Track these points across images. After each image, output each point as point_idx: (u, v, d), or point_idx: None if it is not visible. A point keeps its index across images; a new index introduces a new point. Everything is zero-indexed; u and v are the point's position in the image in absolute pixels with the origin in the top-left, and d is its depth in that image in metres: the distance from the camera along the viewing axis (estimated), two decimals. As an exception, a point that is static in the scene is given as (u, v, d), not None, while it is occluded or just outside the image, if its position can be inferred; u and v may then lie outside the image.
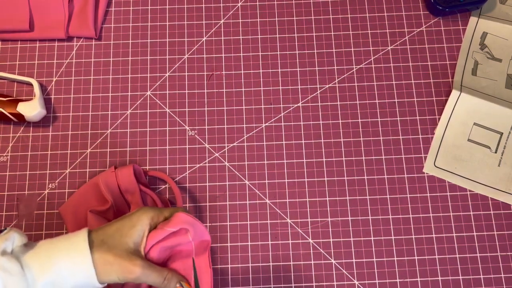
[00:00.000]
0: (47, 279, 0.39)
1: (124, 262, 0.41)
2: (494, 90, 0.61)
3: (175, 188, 0.55)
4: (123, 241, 0.42)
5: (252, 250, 0.56)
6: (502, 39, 0.63)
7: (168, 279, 0.43)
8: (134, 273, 0.41)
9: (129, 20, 0.64)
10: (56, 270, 0.39)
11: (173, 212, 0.46)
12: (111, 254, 0.41)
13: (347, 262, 0.56)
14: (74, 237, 0.41)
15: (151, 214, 0.44)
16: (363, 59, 0.63)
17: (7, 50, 0.63)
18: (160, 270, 0.43)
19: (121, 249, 0.41)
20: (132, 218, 0.44)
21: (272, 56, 0.63)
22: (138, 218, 0.43)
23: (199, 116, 0.61)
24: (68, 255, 0.40)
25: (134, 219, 0.43)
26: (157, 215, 0.45)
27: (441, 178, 0.58)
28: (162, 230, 0.44)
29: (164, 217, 0.45)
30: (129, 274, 0.41)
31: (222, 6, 0.65)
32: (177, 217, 0.45)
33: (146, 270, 0.41)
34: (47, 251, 0.40)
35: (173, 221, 0.44)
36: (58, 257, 0.40)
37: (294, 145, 0.60)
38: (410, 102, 0.61)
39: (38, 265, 0.39)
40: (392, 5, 0.65)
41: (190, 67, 0.63)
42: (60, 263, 0.39)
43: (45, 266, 0.39)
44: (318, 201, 0.58)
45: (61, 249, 0.40)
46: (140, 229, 0.43)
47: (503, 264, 0.55)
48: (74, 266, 0.40)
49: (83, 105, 0.61)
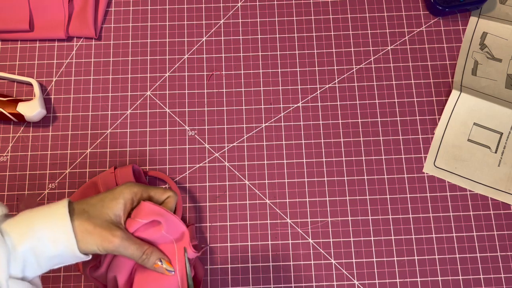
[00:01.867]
0: (27, 245, 0.38)
1: (104, 231, 0.40)
2: (494, 90, 0.61)
3: (175, 189, 0.55)
4: (104, 211, 0.41)
5: (252, 250, 0.56)
6: (502, 39, 0.63)
7: (148, 254, 0.43)
8: (112, 242, 0.40)
9: (129, 20, 0.64)
10: (36, 236, 0.38)
11: (162, 192, 0.45)
12: (91, 223, 0.40)
13: (347, 262, 0.56)
14: (54, 205, 0.41)
15: (134, 190, 0.44)
16: (363, 59, 0.63)
17: (7, 50, 0.63)
18: (140, 244, 0.42)
19: (101, 219, 0.41)
20: (114, 191, 0.43)
21: (272, 56, 0.63)
22: (120, 191, 0.43)
23: (199, 116, 0.61)
24: (48, 222, 0.39)
25: (117, 192, 0.43)
26: (140, 191, 0.44)
27: (441, 178, 0.58)
28: (134, 221, 0.43)
29: (148, 195, 0.45)
30: (108, 244, 0.40)
31: (222, 6, 0.65)
32: (145, 206, 0.44)
33: (125, 242, 0.41)
34: (27, 218, 0.39)
35: (143, 212, 0.44)
36: (38, 224, 0.39)
37: (294, 145, 0.60)
38: (410, 102, 0.61)
39: (18, 232, 0.38)
40: (392, 5, 0.65)
41: (190, 67, 0.63)
42: (40, 229, 0.39)
43: (25, 232, 0.38)
44: (318, 201, 0.58)
45: (41, 216, 0.40)
46: (121, 202, 0.42)
47: (503, 264, 0.55)
48: (54, 233, 0.39)
49: (83, 105, 0.61)
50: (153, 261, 0.43)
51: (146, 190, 0.45)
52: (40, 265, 0.39)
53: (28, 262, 0.39)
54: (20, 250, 0.38)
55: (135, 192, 0.44)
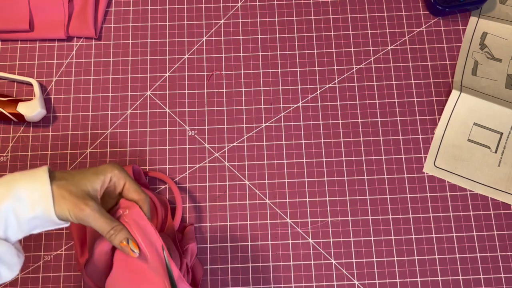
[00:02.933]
0: (8, 204, 0.39)
1: (78, 199, 0.41)
2: (494, 90, 0.61)
3: (175, 189, 0.55)
4: (83, 182, 0.42)
5: (252, 250, 0.56)
6: (502, 39, 0.63)
7: (116, 230, 0.42)
8: (83, 210, 0.40)
9: (129, 20, 0.64)
10: (16, 195, 0.39)
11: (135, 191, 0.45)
12: (67, 190, 0.41)
13: (347, 262, 0.56)
14: (35, 170, 0.42)
15: (116, 171, 0.44)
16: (363, 59, 0.63)
17: (7, 50, 0.63)
18: (111, 219, 0.42)
19: (77, 188, 0.42)
20: (98, 168, 0.44)
21: (272, 56, 0.63)
22: (103, 169, 0.44)
23: (199, 116, 0.61)
24: (28, 184, 0.40)
25: (100, 169, 0.44)
26: (122, 176, 0.45)
27: (441, 178, 0.58)
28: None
29: (124, 184, 0.45)
30: (79, 211, 0.40)
31: (222, 6, 0.65)
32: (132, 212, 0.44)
33: (96, 213, 0.41)
34: (9, 180, 0.40)
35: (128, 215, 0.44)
36: (19, 185, 0.40)
37: (294, 145, 0.60)
38: (410, 102, 0.61)
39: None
40: (392, 5, 0.65)
41: (190, 67, 0.63)
42: (20, 189, 0.40)
43: (6, 192, 0.39)
44: (318, 201, 0.58)
45: (22, 178, 0.41)
46: (101, 179, 0.43)
47: (503, 264, 0.55)
48: (33, 194, 0.40)
49: (83, 105, 0.61)
50: (120, 238, 0.43)
51: (125, 179, 0.45)
52: (20, 226, 0.40)
53: (10, 222, 0.39)
54: (2, 209, 0.39)
55: (116, 174, 0.44)
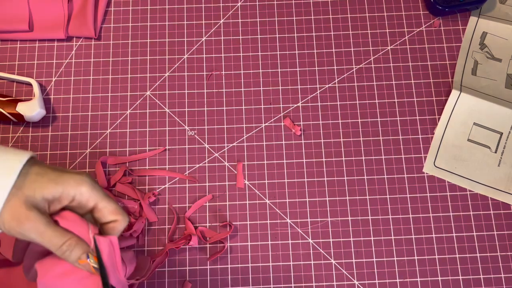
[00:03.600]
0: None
1: (20, 209, 0.33)
2: (494, 90, 0.61)
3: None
4: (32, 186, 0.34)
5: (252, 250, 0.56)
6: (502, 39, 0.63)
7: (70, 245, 0.34)
8: (22, 224, 0.32)
9: (128, 20, 0.64)
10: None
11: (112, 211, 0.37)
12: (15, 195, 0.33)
13: (347, 262, 0.56)
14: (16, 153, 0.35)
15: (84, 188, 0.35)
16: (363, 59, 0.63)
17: (7, 50, 0.63)
18: (61, 232, 0.34)
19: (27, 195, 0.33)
20: (63, 174, 0.35)
21: (272, 56, 0.63)
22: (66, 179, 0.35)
23: (198, 116, 0.61)
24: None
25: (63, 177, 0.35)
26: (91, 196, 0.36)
27: (441, 178, 0.58)
28: None
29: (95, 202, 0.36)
30: (17, 225, 0.32)
31: (222, 6, 0.65)
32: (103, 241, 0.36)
33: (41, 226, 0.33)
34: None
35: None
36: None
37: (294, 145, 0.60)
38: (410, 102, 0.61)
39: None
40: (392, 5, 0.65)
41: (189, 67, 0.63)
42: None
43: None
44: (318, 201, 0.58)
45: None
46: (59, 191, 0.35)
47: (503, 264, 0.55)
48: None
49: (82, 105, 0.61)
50: (77, 254, 0.34)
51: (97, 199, 0.36)
52: None
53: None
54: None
55: (83, 193, 0.35)
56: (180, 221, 0.57)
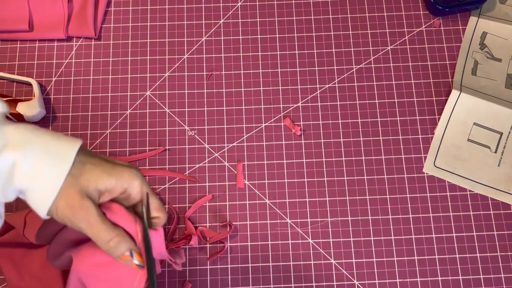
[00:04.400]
0: (9, 159, 0.32)
1: (75, 197, 0.33)
2: (494, 90, 0.61)
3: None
4: (85, 176, 0.34)
5: (252, 250, 0.56)
6: (502, 39, 0.63)
7: (116, 242, 0.34)
8: (76, 213, 0.33)
9: (128, 20, 0.64)
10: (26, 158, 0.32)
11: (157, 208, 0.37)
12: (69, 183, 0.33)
13: (347, 262, 0.56)
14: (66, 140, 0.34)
15: (136, 182, 0.36)
16: (363, 59, 0.63)
17: (7, 50, 0.63)
18: (111, 227, 0.34)
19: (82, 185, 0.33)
20: (114, 165, 0.35)
21: (272, 56, 0.63)
22: (120, 172, 0.35)
23: (198, 116, 0.61)
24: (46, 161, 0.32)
25: (116, 169, 0.35)
26: (140, 191, 0.36)
27: (441, 178, 0.58)
28: None
29: (141, 196, 0.36)
30: (71, 213, 0.33)
31: (222, 6, 0.65)
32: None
33: (92, 217, 0.33)
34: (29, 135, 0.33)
35: None
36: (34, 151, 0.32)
37: (294, 145, 0.60)
38: (410, 102, 0.61)
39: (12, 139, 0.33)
40: (392, 5, 0.65)
41: (189, 67, 0.63)
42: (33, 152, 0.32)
43: (17, 145, 0.32)
44: (318, 201, 0.58)
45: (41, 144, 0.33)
46: (112, 183, 0.35)
47: (503, 264, 0.55)
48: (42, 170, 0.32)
49: (82, 105, 0.61)
50: (122, 251, 0.35)
51: (145, 194, 0.37)
52: (4, 190, 0.33)
53: (1, 178, 0.32)
54: (2, 160, 0.32)
55: (135, 187, 0.36)
56: (180, 221, 0.57)
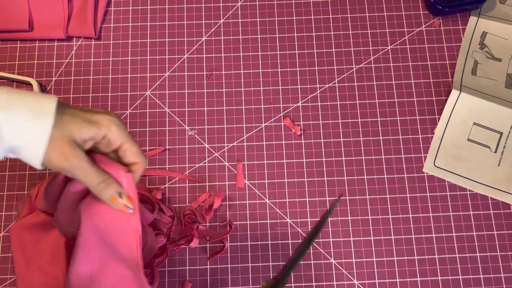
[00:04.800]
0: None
1: (65, 146, 0.35)
2: (494, 90, 0.61)
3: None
4: (70, 127, 0.35)
5: (252, 250, 0.56)
6: (502, 39, 0.63)
7: (106, 183, 0.37)
8: (70, 160, 0.35)
9: (128, 20, 0.64)
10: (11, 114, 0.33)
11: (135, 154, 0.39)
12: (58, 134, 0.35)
13: (347, 262, 0.56)
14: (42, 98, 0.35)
15: (113, 127, 0.37)
16: (363, 59, 0.63)
17: (7, 50, 0.63)
18: (101, 171, 0.37)
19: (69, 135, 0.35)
20: (92, 114, 0.37)
21: (272, 56, 0.63)
22: (98, 120, 0.37)
23: (198, 116, 0.61)
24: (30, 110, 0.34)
25: (95, 118, 0.37)
26: (119, 136, 0.38)
27: (441, 178, 0.58)
28: None
29: (122, 141, 0.38)
30: (65, 161, 0.35)
31: (221, 6, 0.65)
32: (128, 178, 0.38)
33: (84, 164, 0.36)
34: (11, 95, 0.34)
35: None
36: (18, 108, 0.34)
37: (294, 145, 0.60)
38: (410, 102, 0.61)
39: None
40: (392, 5, 0.65)
41: (189, 67, 0.63)
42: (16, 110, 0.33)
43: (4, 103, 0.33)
44: (318, 201, 0.58)
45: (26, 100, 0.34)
46: (93, 131, 0.36)
47: (503, 263, 0.55)
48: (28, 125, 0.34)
49: (82, 105, 0.61)
50: (110, 192, 0.37)
51: (123, 139, 0.38)
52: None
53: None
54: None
55: (113, 132, 0.37)
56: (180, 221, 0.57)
